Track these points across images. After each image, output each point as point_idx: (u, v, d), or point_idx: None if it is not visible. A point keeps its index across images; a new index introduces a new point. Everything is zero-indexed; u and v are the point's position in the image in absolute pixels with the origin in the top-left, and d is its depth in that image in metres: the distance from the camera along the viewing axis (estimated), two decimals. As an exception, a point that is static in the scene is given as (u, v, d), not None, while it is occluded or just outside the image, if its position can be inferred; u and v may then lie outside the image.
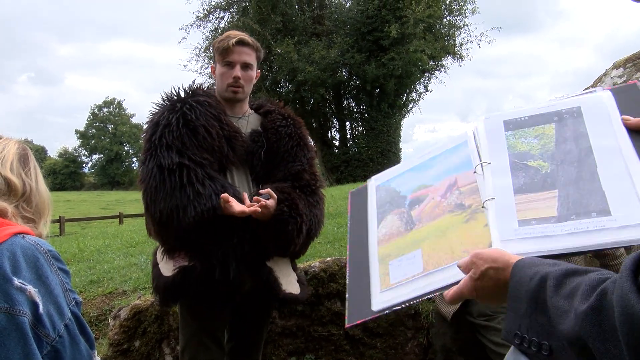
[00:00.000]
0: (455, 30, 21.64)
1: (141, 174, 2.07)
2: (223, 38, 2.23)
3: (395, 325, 2.77)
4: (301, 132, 2.33)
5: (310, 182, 2.25)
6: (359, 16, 20.07)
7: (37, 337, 1.12)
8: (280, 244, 2.12)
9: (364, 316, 1.29)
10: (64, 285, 1.25)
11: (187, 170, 1.97)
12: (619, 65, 3.37)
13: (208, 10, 21.36)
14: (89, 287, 3.60)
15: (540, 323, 0.92)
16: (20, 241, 1.19)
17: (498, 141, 1.34)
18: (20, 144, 1.43)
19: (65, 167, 77.53)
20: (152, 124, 2.11)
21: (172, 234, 2.01)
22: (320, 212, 2.27)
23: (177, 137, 2.03)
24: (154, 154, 2.02)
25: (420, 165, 1.51)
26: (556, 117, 1.32)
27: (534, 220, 1.16)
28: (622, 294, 0.76)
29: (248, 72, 2.23)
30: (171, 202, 1.94)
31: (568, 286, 0.89)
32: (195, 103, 2.11)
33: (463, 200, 1.32)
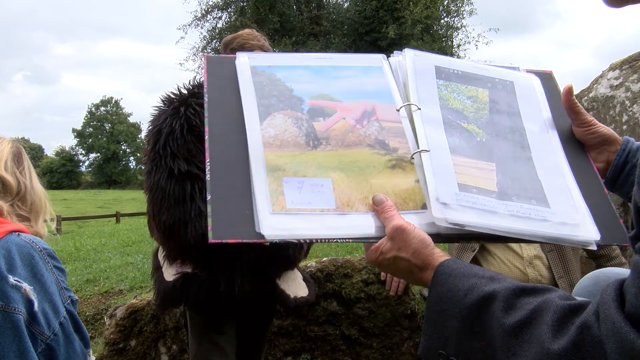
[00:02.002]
0: (453, 31, 21.71)
1: (146, 183, 2.00)
2: (237, 48, 2.11)
3: (392, 326, 2.78)
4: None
5: None
6: (357, 17, 20.09)
7: (32, 334, 1.13)
8: (283, 264, 2.11)
9: (241, 236, 0.98)
10: (60, 283, 1.25)
11: (192, 181, 1.89)
12: (615, 67, 3.38)
13: (206, 10, 21.37)
14: (85, 286, 3.59)
15: (476, 348, 0.80)
16: (16, 239, 1.19)
17: (428, 87, 1.19)
18: (14, 142, 1.43)
19: (62, 165, 77.38)
20: (155, 131, 2.00)
21: (174, 246, 1.96)
22: None
23: (183, 145, 1.93)
24: (159, 165, 1.94)
25: (318, 68, 1.24)
26: (490, 84, 1.24)
27: (475, 189, 1.05)
28: (614, 329, 0.66)
29: None
30: (174, 215, 1.88)
31: (522, 309, 0.78)
32: (199, 107, 1.99)
33: (386, 139, 1.13)
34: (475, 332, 0.80)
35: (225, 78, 1.18)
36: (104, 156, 77.99)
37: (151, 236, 2.15)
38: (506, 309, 0.78)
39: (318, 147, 1.10)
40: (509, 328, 0.76)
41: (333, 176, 1.06)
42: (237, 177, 1.03)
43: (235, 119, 1.11)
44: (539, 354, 0.72)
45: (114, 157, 78.64)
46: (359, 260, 2.85)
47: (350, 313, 2.78)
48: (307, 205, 1.02)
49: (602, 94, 3.31)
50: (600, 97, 3.31)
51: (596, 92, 3.36)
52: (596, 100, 3.35)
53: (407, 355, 2.79)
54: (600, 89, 3.35)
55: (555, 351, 0.70)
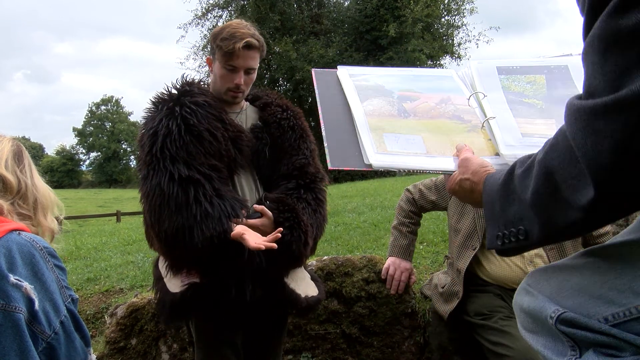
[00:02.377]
0: (454, 30, 21.70)
1: (143, 189, 1.90)
2: (227, 37, 1.97)
3: (392, 324, 2.78)
4: (302, 123, 2.20)
5: (316, 176, 2.14)
6: (357, 15, 20.08)
7: (33, 333, 1.13)
8: (289, 262, 2.03)
9: (353, 165, 1.27)
10: (60, 282, 1.25)
11: (195, 185, 1.83)
12: (617, 65, 3.38)
13: (206, 9, 21.39)
14: (86, 285, 3.59)
15: (512, 211, 0.95)
16: (16, 238, 1.19)
17: (492, 81, 1.41)
18: (15, 141, 1.43)
19: (62, 164, 77.39)
20: (150, 133, 1.91)
21: (179, 254, 1.87)
22: (324, 211, 2.16)
23: (181, 147, 1.86)
24: (156, 168, 1.85)
25: (402, 76, 1.54)
26: (546, 70, 1.42)
27: (537, 135, 1.25)
28: (569, 106, 0.83)
29: (250, 76, 2.07)
30: (177, 221, 1.80)
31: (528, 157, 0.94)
32: (195, 105, 1.94)
33: (461, 115, 1.39)
34: (510, 198, 0.95)
35: (330, 81, 1.51)
36: (105, 155, 77.95)
37: (150, 247, 2.06)
38: (521, 164, 0.95)
39: (408, 118, 1.38)
40: (520, 172, 0.93)
41: (423, 135, 1.33)
42: (346, 134, 1.33)
43: (341, 103, 1.42)
44: (533, 161, 0.90)
45: (114, 156, 78.60)
46: (360, 259, 2.85)
47: (351, 312, 2.78)
48: (403, 149, 1.29)
49: (603, 92, 3.30)
50: (601, 96, 3.31)
51: (597, 90, 3.36)
52: (597, 98, 3.35)
53: (407, 354, 2.79)
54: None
55: (541, 150, 0.90)
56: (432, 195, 2.68)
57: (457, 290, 2.45)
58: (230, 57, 1.98)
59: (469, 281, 2.43)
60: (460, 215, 2.51)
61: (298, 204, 2.02)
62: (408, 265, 2.71)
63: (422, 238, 4.04)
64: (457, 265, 2.46)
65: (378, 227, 4.79)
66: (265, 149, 2.09)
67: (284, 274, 2.07)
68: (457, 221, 2.52)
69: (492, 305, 2.32)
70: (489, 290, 2.39)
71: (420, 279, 3.11)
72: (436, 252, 3.72)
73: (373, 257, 2.89)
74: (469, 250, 2.43)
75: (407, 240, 2.70)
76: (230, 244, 1.82)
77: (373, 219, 5.38)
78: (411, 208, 2.73)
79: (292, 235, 1.94)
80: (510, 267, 2.34)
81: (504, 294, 2.36)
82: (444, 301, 2.54)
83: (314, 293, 2.16)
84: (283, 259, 1.96)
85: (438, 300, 2.59)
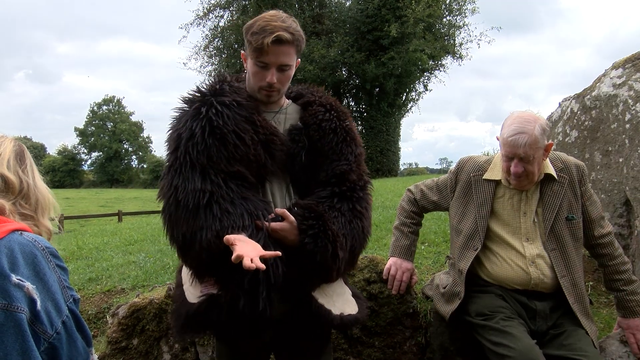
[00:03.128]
0: (455, 30, 21.67)
1: (162, 187, 1.81)
2: (257, 31, 1.79)
3: (393, 325, 2.77)
4: (347, 125, 1.99)
5: (357, 183, 1.93)
6: (359, 15, 20.06)
7: (35, 333, 1.13)
8: (315, 275, 1.82)
9: None
10: (62, 282, 1.25)
11: (211, 193, 1.71)
12: (618, 65, 3.37)
13: (208, 9, 21.38)
14: (88, 285, 3.59)
15: None
16: (18, 238, 1.19)
17: None
18: (16, 141, 1.43)
19: (64, 164, 77.43)
20: (174, 136, 1.81)
21: (195, 258, 1.73)
22: (363, 222, 1.92)
23: (202, 151, 1.74)
24: (177, 172, 1.75)
25: None
26: None
27: None
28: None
29: (285, 73, 1.87)
30: (193, 225, 1.69)
31: None
32: (222, 105, 1.79)
33: None
34: None
35: None
36: (106, 155, 78.06)
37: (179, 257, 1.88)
38: None
39: None
40: None
41: None
42: None
43: None
44: None
45: (116, 156, 78.70)
46: (361, 259, 2.84)
47: (352, 312, 2.78)
48: None
49: (605, 92, 3.30)
50: (603, 96, 3.30)
51: (599, 90, 3.35)
52: (599, 99, 3.34)
53: (409, 354, 2.79)
54: (603, 87, 3.34)
55: None
56: (434, 195, 2.68)
57: (458, 291, 2.45)
58: (260, 53, 1.80)
59: (470, 281, 2.43)
60: (462, 216, 2.51)
61: (328, 212, 1.83)
62: (410, 265, 2.71)
63: (424, 238, 4.04)
64: (459, 265, 2.46)
65: (379, 228, 4.78)
66: (302, 154, 1.90)
67: (311, 287, 1.87)
68: (458, 222, 2.52)
69: (493, 306, 2.31)
70: (491, 291, 2.39)
71: (421, 280, 3.11)
72: (438, 252, 3.72)
73: (374, 257, 2.88)
74: (470, 251, 2.43)
75: (408, 240, 2.69)
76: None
77: (374, 219, 5.37)
78: (413, 208, 2.73)
79: (316, 245, 1.75)
80: (512, 267, 2.34)
81: (506, 295, 2.36)
82: (445, 301, 2.54)
83: (352, 311, 1.94)
84: (308, 271, 1.78)
85: (439, 301, 2.59)
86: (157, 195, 1.84)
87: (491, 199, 2.43)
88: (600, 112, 3.33)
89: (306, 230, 1.76)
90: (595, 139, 3.38)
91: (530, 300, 2.33)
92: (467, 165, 2.55)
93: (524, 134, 2.21)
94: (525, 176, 2.29)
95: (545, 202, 2.37)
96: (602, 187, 3.32)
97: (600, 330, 2.65)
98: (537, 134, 2.21)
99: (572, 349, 2.16)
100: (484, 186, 2.45)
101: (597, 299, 3.07)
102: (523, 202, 2.38)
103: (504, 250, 2.38)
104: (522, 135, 2.21)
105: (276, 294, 1.73)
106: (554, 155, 2.45)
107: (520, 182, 2.32)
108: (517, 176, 2.29)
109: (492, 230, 2.41)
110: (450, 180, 2.61)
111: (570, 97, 3.72)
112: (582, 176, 2.41)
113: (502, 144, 2.31)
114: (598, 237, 2.43)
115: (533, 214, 2.37)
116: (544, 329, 2.31)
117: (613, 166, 3.24)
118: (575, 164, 2.43)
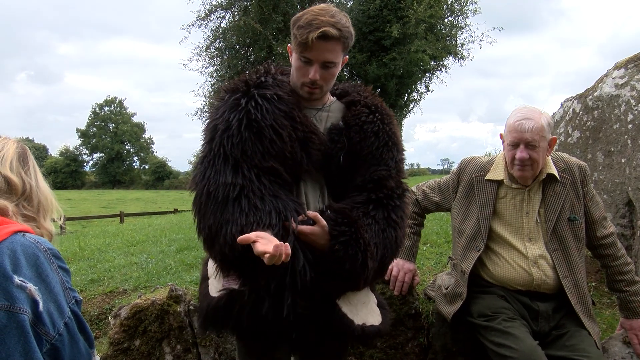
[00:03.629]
0: (457, 31, 21.63)
1: (194, 177, 1.76)
2: (303, 25, 1.73)
3: (396, 325, 2.77)
4: (391, 128, 1.89)
5: (395, 191, 1.84)
6: (361, 16, 20.04)
7: (37, 335, 1.13)
8: (341, 282, 1.75)
9: None
10: (64, 283, 1.25)
11: (242, 188, 1.66)
12: (621, 66, 3.37)
13: (209, 10, 21.34)
14: (90, 286, 3.60)
15: None
16: (21, 239, 1.19)
17: None
18: (19, 142, 1.44)
19: (66, 165, 77.59)
20: (210, 127, 1.77)
21: (219, 252, 1.68)
22: (397, 232, 1.83)
23: (237, 145, 1.68)
24: (210, 163, 1.71)
25: None
26: None
27: None
28: None
29: (330, 70, 1.80)
30: (221, 218, 1.64)
31: None
32: (262, 98, 1.73)
33: None
34: None
35: None
36: (108, 156, 78.24)
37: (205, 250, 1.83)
38: None
39: None
40: None
41: None
42: None
43: None
44: None
45: (117, 157, 78.86)
46: (363, 260, 2.84)
47: (355, 313, 2.78)
48: None
49: (607, 93, 3.29)
50: (605, 96, 3.30)
51: (601, 91, 3.35)
52: (601, 99, 3.33)
53: (411, 355, 2.78)
54: (605, 88, 3.33)
55: None
56: (436, 196, 2.68)
57: (460, 292, 2.45)
58: (304, 48, 1.73)
59: (472, 282, 2.43)
60: (465, 217, 2.50)
61: (362, 219, 1.75)
62: (412, 266, 2.71)
63: (426, 239, 4.04)
64: (461, 266, 2.46)
65: (381, 228, 4.77)
66: (340, 155, 1.82)
67: (336, 295, 1.81)
68: (461, 222, 2.52)
69: (495, 307, 2.31)
70: (493, 292, 2.39)
71: (423, 280, 3.10)
72: (440, 253, 3.71)
73: (376, 258, 2.88)
74: (473, 252, 2.42)
75: (410, 241, 2.69)
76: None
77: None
78: (414, 209, 2.73)
79: (347, 253, 1.67)
80: (514, 268, 2.34)
81: (508, 296, 2.36)
82: (447, 302, 2.53)
83: (375, 322, 1.88)
84: (335, 278, 1.71)
85: (442, 302, 2.59)
86: (189, 185, 1.79)
87: (493, 199, 2.42)
88: (603, 112, 3.32)
89: (337, 236, 1.68)
90: (598, 140, 3.37)
91: (532, 301, 2.33)
92: (469, 165, 2.54)
93: (530, 119, 2.23)
94: (530, 165, 2.27)
95: (547, 202, 2.36)
96: (604, 188, 3.31)
97: (603, 331, 2.64)
98: (544, 123, 2.24)
99: (574, 350, 2.15)
100: (486, 187, 2.45)
101: (600, 300, 3.07)
102: (525, 202, 2.38)
103: (506, 251, 2.38)
104: (529, 121, 2.23)
105: (301, 300, 1.68)
106: (556, 156, 2.45)
107: (524, 172, 2.30)
108: (522, 163, 2.27)
109: (495, 231, 2.41)
110: (452, 181, 2.61)
111: (573, 98, 3.71)
112: (585, 177, 2.41)
113: (507, 132, 2.31)
114: (600, 237, 2.42)
115: (535, 214, 2.36)
116: (546, 330, 2.30)
117: (615, 167, 3.23)
118: (578, 164, 2.42)
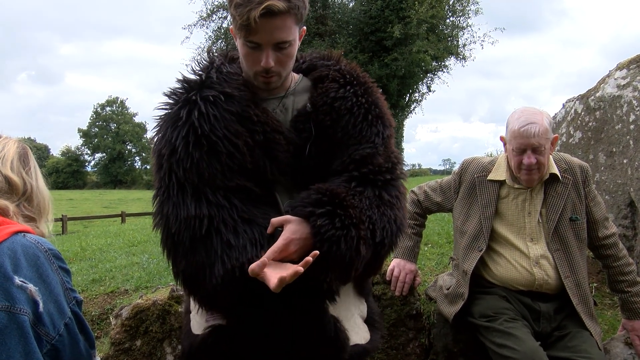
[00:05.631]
0: (459, 31, 21.66)
1: (153, 216, 1.49)
2: (242, 2, 1.36)
3: (397, 326, 2.76)
4: (369, 99, 1.57)
5: (383, 166, 1.50)
6: (362, 16, 20.06)
7: (37, 335, 1.13)
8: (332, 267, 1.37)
9: None
10: (65, 284, 1.25)
11: (210, 217, 1.37)
12: (623, 66, 3.36)
13: (211, 10, 21.38)
14: (91, 286, 3.59)
15: None
16: (21, 240, 1.19)
17: None
18: (20, 142, 1.44)
19: (68, 165, 77.80)
20: (156, 155, 1.47)
21: (198, 295, 1.45)
22: (396, 213, 1.49)
23: (189, 169, 1.39)
24: (166, 197, 1.42)
25: None
26: None
27: None
28: None
29: (285, 52, 1.45)
30: (195, 260, 1.38)
31: None
32: (205, 103, 1.42)
33: None
34: None
35: None
36: (110, 156, 78.41)
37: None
38: None
39: None
40: None
41: None
42: None
43: None
44: None
45: (119, 157, 79.01)
46: (364, 261, 2.84)
47: (356, 313, 2.77)
48: None
49: (609, 93, 3.28)
50: (607, 97, 3.29)
51: (603, 91, 3.34)
52: (603, 100, 3.33)
53: (412, 356, 2.78)
54: (607, 88, 3.32)
55: None
56: (438, 196, 2.67)
57: (462, 292, 2.44)
58: (248, 30, 1.38)
59: (474, 283, 2.42)
60: (466, 217, 2.50)
61: (345, 190, 1.42)
62: (413, 266, 2.70)
63: (427, 239, 4.03)
64: (463, 266, 2.45)
65: (383, 229, 4.76)
66: (307, 146, 1.50)
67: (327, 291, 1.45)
68: (463, 223, 2.51)
69: (497, 307, 2.31)
70: (494, 292, 2.38)
71: (425, 281, 3.10)
72: (441, 253, 3.71)
73: (378, 258, 2.87)
74: (475, 252, 2.42)
75: (412, 241, 2.69)
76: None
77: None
78: (416, 209, 2.72)
79: (334, 226, 1.34)
80: (516, 268, 2.33)
81: (510, 296, 2.35)
82: (448, 303, 2.53)
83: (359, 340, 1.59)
84: (324, 264, 1.34)
85: (443, 302, 2.58)
86: (152, 225, 1.51)
87: (495, 199, 2.42)
88: (605, 113, 3.32)
89: (319, 215, 1.35)
90: (600, 140, 3.37)
91: (534, 301, 2.33)
92: (470, 166, 2.54)
93: (534, 123, 2.22)
94: (537, 169, 2.27)
95: (549, 202, 2.36)
96: (606, 188, 3.31)
97: (604, 332, 2.64)
98: (547, 124, 2.24)
99: (576, 350, 2.15)
100: (488, 187, 2.45)
101: (602, 301, 3.06)
102: (527, 202, 2.37)
103: (508, 251, 2.37)
104: (534, 125, 2.21)
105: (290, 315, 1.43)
106: (558, 156, 2.44)
107: (532, 176, 2.30)
108: (530, 168, 2.27)
109: (496, 231, 2.40)
110: (454, 181, 2.60)
111: (574, 98, 3.70)
112: (586, 177, 2.41)
113: (512, 138, 2.29)
114: (602, 238, 2.42)
115: (537, 214, 2.36)
116: (548, 331, 2.30)
117: (617, 167, 3.22)
118: (579, 164, 2.42)
